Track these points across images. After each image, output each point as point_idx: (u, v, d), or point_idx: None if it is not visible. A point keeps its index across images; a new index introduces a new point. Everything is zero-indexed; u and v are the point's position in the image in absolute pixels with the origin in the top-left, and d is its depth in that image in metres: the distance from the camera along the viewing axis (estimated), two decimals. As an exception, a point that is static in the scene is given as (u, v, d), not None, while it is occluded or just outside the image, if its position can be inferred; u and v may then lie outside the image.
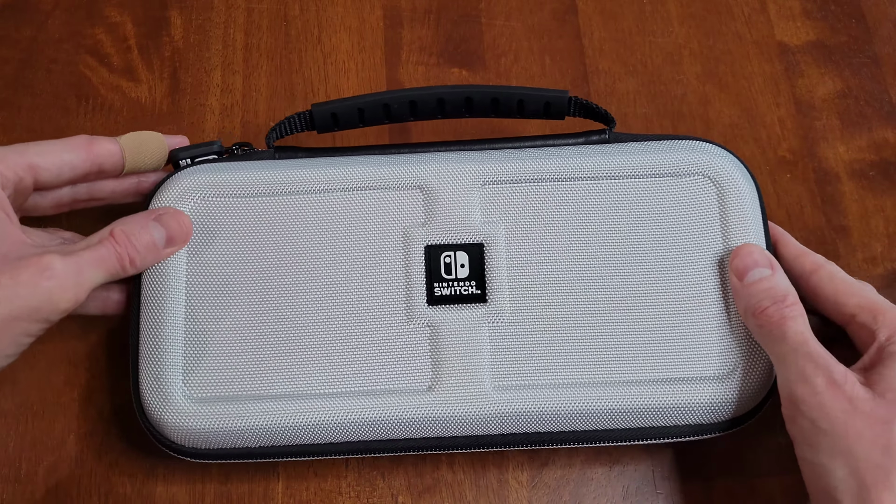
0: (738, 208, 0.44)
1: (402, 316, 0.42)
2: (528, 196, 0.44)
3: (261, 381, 0.41)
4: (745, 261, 0.42)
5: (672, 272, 0.43)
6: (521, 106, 0.46)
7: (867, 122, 0.55)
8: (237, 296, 0.43)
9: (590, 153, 0.45)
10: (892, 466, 0.35)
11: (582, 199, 0.44)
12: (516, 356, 0.42)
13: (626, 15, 0.58)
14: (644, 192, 0.44)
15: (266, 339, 0.42)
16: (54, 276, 0.37)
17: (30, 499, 0.44)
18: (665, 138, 0.45)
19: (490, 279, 0.43)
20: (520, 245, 0.43)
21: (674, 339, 0.42)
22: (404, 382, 0.41)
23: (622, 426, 0.41)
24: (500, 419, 0.41)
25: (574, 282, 0.43)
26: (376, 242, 0.43)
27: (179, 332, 0.42)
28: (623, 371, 0.41)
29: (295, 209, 0.44)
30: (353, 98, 0.46)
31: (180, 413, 0.41)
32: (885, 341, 0.38)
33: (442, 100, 0.46)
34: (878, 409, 0.36)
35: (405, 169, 0.44)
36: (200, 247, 0.43)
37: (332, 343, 0.42)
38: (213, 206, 0.44)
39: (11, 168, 0.40)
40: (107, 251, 0.39)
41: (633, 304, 0.42)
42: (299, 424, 0.41)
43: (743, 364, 0.41)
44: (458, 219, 0.43)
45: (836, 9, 0.59)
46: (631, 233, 0.43)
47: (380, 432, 0.41)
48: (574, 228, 0.43)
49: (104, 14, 0.57)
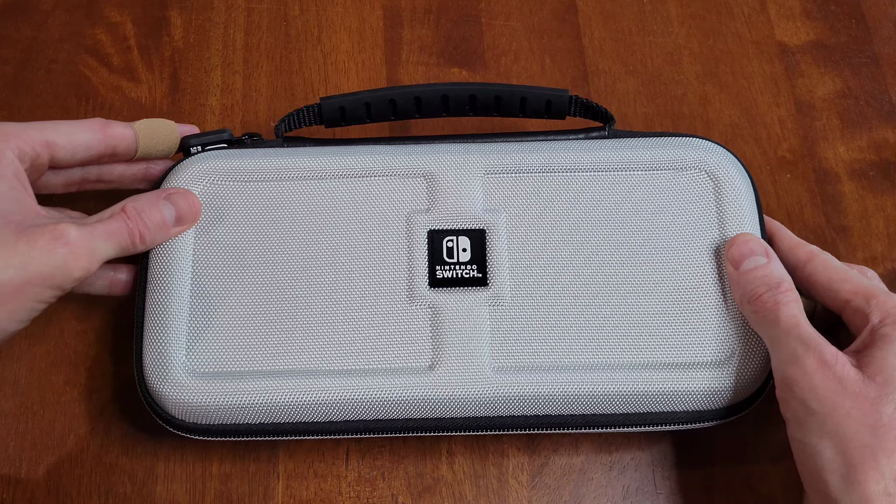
0: (734, 201, 0.44)
1: (404, 297, 0.43)
2: (529, 185, 0.45)
3: (263, 357, 0.42)
4: (741, 249, 0.42)
5: (669, 261, 0.43)
6: (524, 104, 0.47)
7: (867, 122, 0.55)
8: (242, 274, 0.43)
9: (590, 147, 0.46)
10: (878, 446, 0.36)
11: (582, 189, 0.45)
12: (516, 338, 0.42)
13: (626, 15, 0.58)
14: (642, 184, 0.45)
15: (269, 317, 0.42)
16: (69, 244, 0.38)
17: (30, 499, 0.44)
18: (663, 135, 0.46)
19: (491, 263, 0.43)
20: (521, 232, 0.44)
21: (671, 324, 0.42)
22: (405, 361, 0.42)
23: (620, 411, 0.42)
24: (499, 401, 0.41)
25: (573, 268, 0.43)
26: (380, 226, 0.44)
27: (184, 307, 0.42)
28: (621, 355, 0.42)
29: (302, 193, 0.45)
30: (361, 93, 0.47)
31: (182, 387, 0.41)
32: (878, 324, 0.39)
33: (446, 96, 0.47)
34: (866, 389, 0.37)
35: (410, 158, 0.45)
36: (208, 226, 0.44)
37: (334, 322, 0.42)
38: (222, 189, 0.45)
39: (30, 143, 0.41)
40: (118, 225, 0.41)
41: (631, 291, 0.43)
42: (300, 402, 0.41)
43: (741, 350, 0.42)
44: (460, 206, 0.44)
45: (836, 9, 0.59)
46: (629, 222, 0.44)
47: (380, 412, 0.41)
48: (574, 217, 0.44)
49: (104, 14, 0.57)
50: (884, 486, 0.35)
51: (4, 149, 0.40)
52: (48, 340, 0.48)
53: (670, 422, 0.42)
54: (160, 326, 0.42)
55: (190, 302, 0.43)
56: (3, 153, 0.39)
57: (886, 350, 0.38)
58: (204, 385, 0.41)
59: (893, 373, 0.37)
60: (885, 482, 0.35)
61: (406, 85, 0.48)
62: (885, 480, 0.35)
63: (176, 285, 0.43)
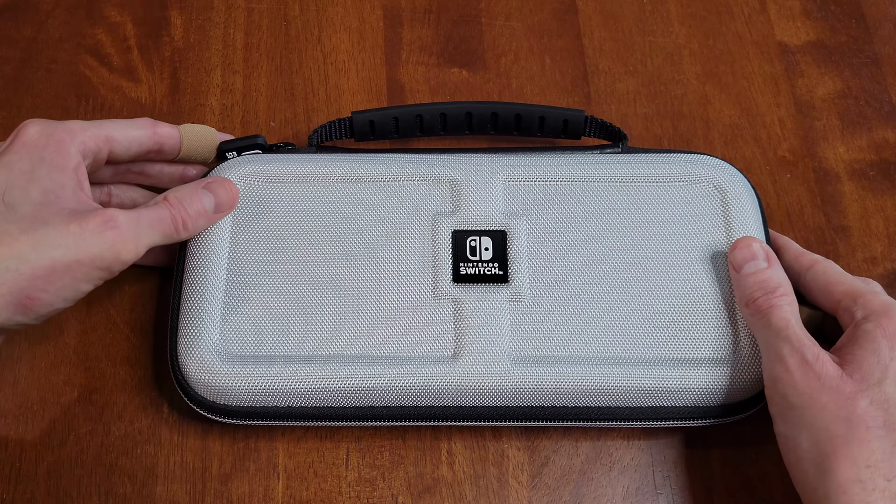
0: (741, 211, 0.47)
1: (429, 291, 0.45)
2: (547, 192, 0.47)
3: (294, 343, 0.44)
4: (743, 252, 0.44)
5: (679, 265, 0.46)
6: (542, 123, 0.50)
7: (867, 122, 0.55)
8: (276, 264, 0.45)
9: (605, 160, 0.48)
10: (851, 437, 0.37)
11: (597, 197, 0.47)
12: (534, 332, 0.44)
13: (626, 15, 0.58)
14: (654, 194, 0.47)
15: (301, 305, 0.44)
16: (117, 227, 0.40)
17: (30, 499, 0.44)
18: (674, 153, 0.49)
19: (512, 262, 0.45)
20: (539, 234, 0.46)
21: (682, 322, 0.44)
22: (429, 351, 0.44)
23: (634, 404, 0.43)
24: (517, 391, 0.43)
25: (589, 268, 0.45)
26: (407, 226, 0.46)
27: (219, 293, 0.44)
28: (634, 350, 0.44)
29: (335, 193, 0.47)
30: (389, 108, 0.50)
31: (214, 370, 0.43)
32: (861, 320, 0.40)
33: (470, 113, 0.51)
34: (843, 384, 0.38)
35: (436, 165, 0.48)
36: (245, 222, 0.46)
37: (363, 312, 0.44)
38: (259, 189, 0.47)
39: (94, 139, 0.43)
40: (162, 213, 0.43)
41: (644, 291, 0.45)
42: (327, 387, 0.43)
43: (748, 349, 0.43)
44: (482, 210, 0.47)
45: (836, 9, 0.59)
46: (641, 228, 0.46)
47: (404, 399, 0.43)
48: (589, 222, 0.46)
49: (104, 14, 0.57)
50: (855, 473, 0.37)
51: (70, 144, 0.42)
52: (48, 340, 0.48)
53: (680, 417, 0.44)
54: (195, 309, 0.44)
55: (225, 288, 0.45)
56: (68, 148, 0.42)
57: (866, 347, 0.39)
58: (235, 368, 0.43)
59: (871, 368, 0.39)
60: (857, 469, 0.37)
61: (431, 102, 0.52)
62: (857, 468, 0.37)
63: (212, 276, 0.45)
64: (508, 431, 0.46)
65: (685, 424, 0.44)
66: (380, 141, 0.52)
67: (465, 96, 0.55)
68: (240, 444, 0.45)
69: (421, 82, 0.56)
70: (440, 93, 0.55)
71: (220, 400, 0.43)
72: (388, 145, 0.53)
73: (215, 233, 0.45)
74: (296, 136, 0.54)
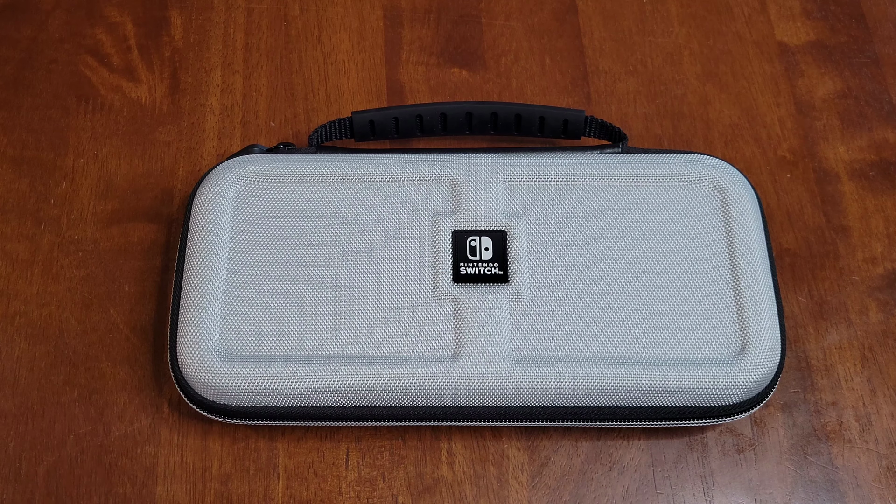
0: (741, 211, 0.47)
1: (429, 291, 0.45)
2: (547, 192, 0.47)
3: (294, 342, 0.44)
4: None
5: (679, 263, 0.46)
6: (542, 123, 0.51)
7: (867, 122, 0.55)
8: (276, 264, 0.45)
9: (605, 160, 0.48)
10: None
11: (598, 197, 0.47)
12: (534, 332, 0.44)
13: (626, 15, 0.58)
14: (655, 193, 0.47)
15: (301, 305, 0.44)
16: None
17: (30, 499, 0.44)
18: (674, 153, 0.49)
19: (512, 262, 0.45)
20: (540, 234, 0.46)
21: (681, 322, 0.44)
22: (429, 351, 0.44)
23: (634, 404, 0.43)
24: (517, 392, 0.43)
25: (589, 268, 0.45)
26: (407, 226, 0.46)
27: (219, 293, 0.44)
28: (633, 350, 0.44)
29: (335, 193, 0.47)
30: (390, 108, 0.50)
31: (215, 371, 0.43)
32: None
33: (470, 113, 0.51)
34: None
35: (436, 165, 0.48)
36: (244, 222, 0.46)
37: (363, 311, 0.44)
38: (259, 189, 0.47)
39: None
40: None
41: (644, 291, 0.45)
42: (328, 387, 0.43)
43: (750, 349, 0.43)
44: (482, 210, 0.47)
45: (836, 9, 0.59)
46: (642, 227, 0.46)
47: (404, 398, 0.43)
48: (590, 221, 0.47)
49: (104, 14, 0.57)
50: None
51: None
52: (48, 340, 0.48)
53: (680, 417, 0.43)
54: (196, 308, 0.44)
55: (225, 288, 0.44)
56: None
57: None
58: (235, 367, 0.43)
59: None
60: None
61: (430, 102, 0.51)
62: None
63: (212, 273, 0.44)
64: (508, 431, 0.46)
65: (685, 424, 0.44)
66: (380, 141, 0.52)
67: (465, 96, 0.55)
68: (240, 444, 0.45)
69: (421, 82, 0.56)
70: (440, 93, 0.55)
71: (220, 400, 0.43)
72: (388, 145, 0.53)
73: (215, 233, 0.45)
74: (296, 136, 0.54)
